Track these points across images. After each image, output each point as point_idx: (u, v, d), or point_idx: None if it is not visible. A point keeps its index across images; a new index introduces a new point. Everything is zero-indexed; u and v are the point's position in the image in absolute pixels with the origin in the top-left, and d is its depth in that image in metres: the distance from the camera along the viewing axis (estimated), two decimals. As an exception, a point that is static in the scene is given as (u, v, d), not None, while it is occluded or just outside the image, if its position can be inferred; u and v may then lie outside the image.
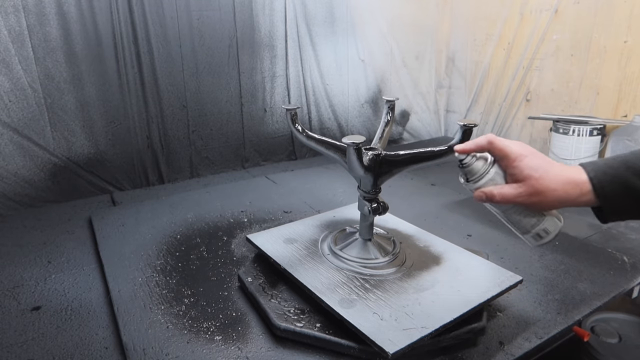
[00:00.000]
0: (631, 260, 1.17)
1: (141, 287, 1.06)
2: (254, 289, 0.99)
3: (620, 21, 1.80)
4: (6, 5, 1.44)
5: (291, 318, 0.89)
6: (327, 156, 1.03)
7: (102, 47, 1.63)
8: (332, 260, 1.02)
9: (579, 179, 0.66)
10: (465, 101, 2.52)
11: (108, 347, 0.88)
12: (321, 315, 0.89)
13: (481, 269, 0.99)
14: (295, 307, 0.93)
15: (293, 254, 1.05)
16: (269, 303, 0.94)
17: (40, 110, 1.57)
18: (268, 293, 0.98)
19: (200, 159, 1.96)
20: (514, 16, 2.18)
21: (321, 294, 0.90)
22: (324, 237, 1.13)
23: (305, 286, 0.93)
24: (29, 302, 1.03)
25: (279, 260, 1.02)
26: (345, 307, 0.86)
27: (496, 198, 0.70)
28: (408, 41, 2.42)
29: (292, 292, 0.98)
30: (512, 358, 0.84)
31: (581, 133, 1.81)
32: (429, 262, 1.03)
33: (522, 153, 0.68)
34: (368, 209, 0.98)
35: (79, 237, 1.36)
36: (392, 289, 0.92)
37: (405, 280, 0.95)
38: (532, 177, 0.67)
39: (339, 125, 2.30)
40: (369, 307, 0.86)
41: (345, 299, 0.88)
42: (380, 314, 0.84)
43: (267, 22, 1.96)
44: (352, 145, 0.88)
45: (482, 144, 0.72)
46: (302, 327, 0.87)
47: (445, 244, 1.11)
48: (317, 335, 0.85)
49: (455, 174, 0.82)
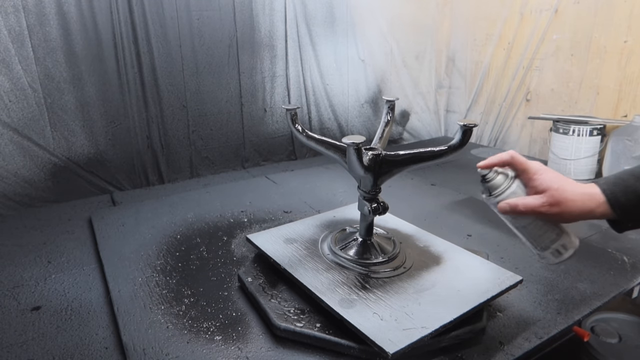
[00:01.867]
0: (631, 260, 1.17)
1: (141, 287, 1.06)
2: (254, 289, 0.99)
3: (620, 21, 1.80)
4: (6, 5, 1.44)
5: (291, 318, 0.89)
6: (327, 156, 1.03)
7: (102, 47, 1.63)
8: (332, 260, 1.02)
9: (593, 192, 0.70)
10: (465, 101, 2.52)
11: (108, 347, 0.88)
12: (321, 315, 0.89)
13: (481, 269, 0.99)
14: (295, 307, 0.93)
15: (293, 254, 1.05)
16: (269, 303, 0.94)
17: (40, 110, 1.57)
18: (268, 293, 0.98)
19: (200, 159, 1.96)
20: (514, 16, 2.18)
21: (321, 294, 0.90)
22: (324, 237, 1.13)
23: (305, 286, 0.93)
24: (29, 302, 1.03)
25: (279, 260, 1.02)
26: (345, 307, 0.86)
27: (519, 208, 0.73)
28: (408, 41, 2.42)
29: (292, 292, 0.98)
30: (512, 358, 0.84)
31: (581, 133, 1.81)
32: (429, 262, 1.03)
33: (540, 168, 0.74)
34: (368, 209, 0.98)
35: (79, 237, 1.36)
36: (392, 289, 0.92)
37: (405, 280, 0.95)
38: (552, 187, 0.71)
39: (339, 125, 2.30)
40: (369, 307, 0.86)
41: (345, 299, 0.88)
42: (380, 314, 0.84)
43: (267, 22, 1.96)
44: (352, 145, 0.88)
45: (505, 159, 0.75)
46: (302, 327, 0.87)
47: (445, 243, 1.11)
48: (317, 335, 0.85)
49: (456, 174, 0.82)
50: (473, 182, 1.84)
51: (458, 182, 1.78)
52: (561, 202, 0.70)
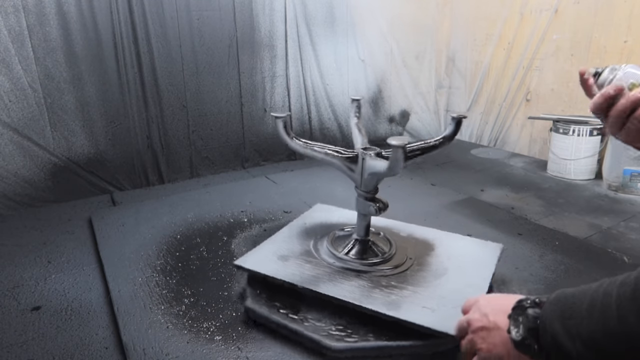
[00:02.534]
0: (631, 261, 1.17)
1: (141, 287, 1.06)
2: (280, 318, 0.90)
3: (620, 21, 1.80)
4: (6, 5, 1.44)
5: (339, 335, 0.84)
6: (327, 163, 1.01)
7: (102, 47, 1.63)
8: (341, 267, 0.98)
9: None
10: (465, 101, 2.52)
11: (108, 347, 0.88)
12: (365, 325, 0.85)
13: (469, 247, 1.08)
14: (334, 324, 0.87)
15: (300, 270, 0.97)
16: (305, 327, 0.87)
17: (40, 110, 1.57)
18: (296, 318, 0.89)
19: (200, 159, 1.96)
20: (514, 16, 2.18)
21: (361, 303, 0.85)
22: (313, 246, 1.07)
23: (338, 299, 0.87)
24: (29, 302, 1.03)
25: (294, 280, 0.93)
26: (394, 309, 0.83)
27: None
28: (408, 41, 2.42)
29: (319, 309, 0.91)
30: (512, 358, 0.84)
31: (581, 133, 1.81)
32: (423, 249, 1.07)
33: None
34: (374, 208, 0.97)
35: (79, 237, 1.36)
36: (414, 281, 0.94)
37: (419, 271, 0.98)
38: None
39: (338, 125, 2.30)
40: (413, 303, 0.86)
41: (387, 301, 0.86)
42: (428, 306, 0.85)
43: (267, 22, 1.96)
44: (400, 146, 0.84)
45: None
46: (357, 341, 0.82)
47: (421, 228, 1.17)
48: (378, 345, 0.82)
49: (456, 174, 0.83)
50: (473, 182, 1.84)
51: (458, 182, 1.78)
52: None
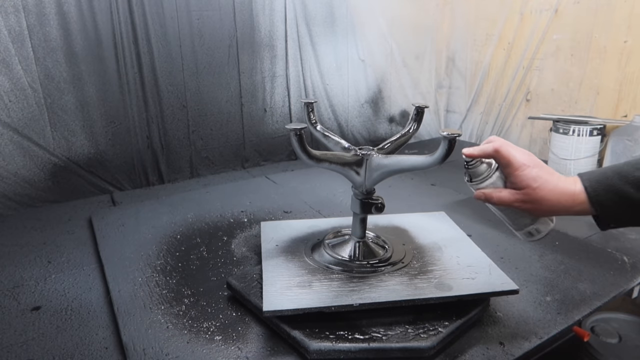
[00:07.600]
0: (631, 260, 1.17)
1: (141, 287, 1.06)
2: (347, 344, 0.80)
3: (620, 21, 1.80)
4: (6, 5, 1.44)
5: (411, 334, 0.81)
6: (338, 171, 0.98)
7: (102, 47, 1.63)
8: (365, 272, 0.94)
9: (574, 190, 0.70)
10: (465, 101, 2.52)
11: (108, 347, 0.88)
12: (425, 317, 0.85)
13: (424, 220, 1.20)
14: (391, 326, 0.83)
15: (335, 289, 0.87)
16: (389, 339, 0.80)
17: (40, 110, 1.57)
18: (362, 338, 0.81)
19: (200, 159, 1.96)
20: (514, 16, 2.18)
21: (414, 296, 0.85)
22: (315, 262, 0.98)
23: (399, 301, 0.85)
24: (29, 302, 1.03)
25: (342, 302, 0.83)
26: (446, 290, 0.88)
27: (493, 200, 0.76)
28: (408, 41, 2.42)
29: (350, 320, 0.84)
30: (512, 358, 0.84)
31: (581, 133, 1.81)
32: (404, 235, 1.12)
33: (524, 163, 0.73)
34: (375, 208, 0.97)
35: (79, 237, 1.36)
36: (431, 262, 0.99)
37: (423, 253, 1.03)
38: (530, 186, 0.72)
39: (339, 125, 2.30)
40: (454, 280, 0.91)
41: (432, 286, 0.90)
42: (468, 276, 0.92)
43: (267, 22, 1.96)
44: (449, 136, 0.79)
45: (489, 152, 0.75)
46: (438, 329, 0.83)
47: (397, 216, 1.22)
48: (454, 327, 0.85)
49: (455, 174, 0.83)
50: (473, 182, 1.84)
51: (458, 182, 1.77)
52: (536, 200, 0.71)
